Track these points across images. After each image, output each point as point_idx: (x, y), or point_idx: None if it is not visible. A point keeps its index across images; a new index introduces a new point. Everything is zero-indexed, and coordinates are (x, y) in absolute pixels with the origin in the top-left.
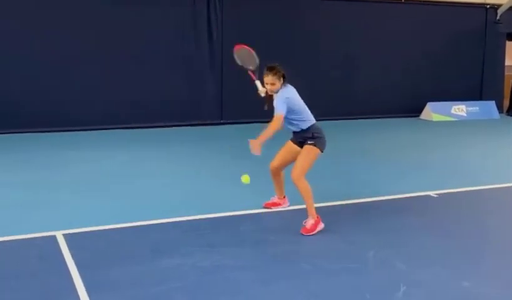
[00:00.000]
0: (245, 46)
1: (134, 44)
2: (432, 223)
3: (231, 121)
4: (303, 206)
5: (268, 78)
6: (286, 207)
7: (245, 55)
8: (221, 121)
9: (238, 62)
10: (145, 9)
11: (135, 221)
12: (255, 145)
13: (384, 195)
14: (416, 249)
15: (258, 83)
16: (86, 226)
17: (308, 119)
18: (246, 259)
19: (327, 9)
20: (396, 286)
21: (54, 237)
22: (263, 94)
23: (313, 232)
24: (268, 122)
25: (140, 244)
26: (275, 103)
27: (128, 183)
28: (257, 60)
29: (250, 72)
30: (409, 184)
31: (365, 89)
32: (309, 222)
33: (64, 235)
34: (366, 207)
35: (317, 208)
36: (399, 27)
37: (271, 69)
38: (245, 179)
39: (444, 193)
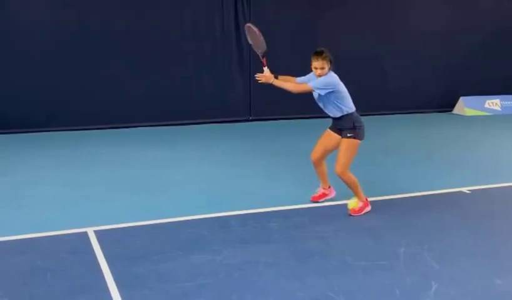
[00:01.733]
0: (253, 27)
1: (161, 42)
2: (465, 219)
3: (259, 118)
4: (334, 203)
5: (318, 62)
6: (333, 197)
7: (254, 37)
8: (250, 118)
9: (249, 41)
10: (172, 7)
11: (165, 218)
12: (265, 78)
13: (415, 192)
14: (448, 245)
15: (266, 69)
16: (116, 223)
17: (350, 106)
18: (275, 256)
19: (356, 1)
20: (427, 283)
21: (85, 233)
22: (271, 81)
23: (361, 213)
24: (297, 118)
25: (170, 240)
26: (317, 79)
27: (158, 180)
28: (264, 45)
29: (260, 57)
30: (441, 180)
31: (397, 84)
32: (359, 204)
33: (95, 231)
34: (397, 203)
35: (343, 205)
36: (431, 20)
37: (320, 53)
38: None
39: (477, 189)
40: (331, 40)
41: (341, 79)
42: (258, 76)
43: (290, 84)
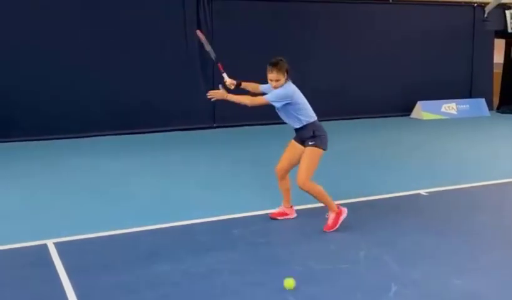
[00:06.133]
0: (199, 35)
1: (123, 50)
2: (423, 221)
3: (224, 125)
4: (296, 208)
5: (273, 74)
6: (293, 217)
7: (205, 43)
8: (214, 125)
9: (205, 47)
10: (134, 14)
11: (126, 228)
12: (218, 94)
13: (374, 195)
14: (407, 247)
15: (225, 75)
16: (76, 234)
17: (309, 115)
18: (239, 263)
19: (315, 10)
20: (387, 285)
21: (45, 246)
22: (232, 87)
23: (337, 227)
24: (261, 124)
25: (132, 251)
26: (272, 91)
27: (119, 189)
28: (212, 53)
29: (215, 62)
30: (399, 183)
31: (355, 89)
32: (331, 217)
33: (54, 243)
34: (356, 206)
35: (305, 209)
36: (387, 27)
37: (275, 64)
38: (288, 283)
39: (435, 191)
40: (295, 50)
41: (303, 85)
42: (210, 94)
43: (245, 97)
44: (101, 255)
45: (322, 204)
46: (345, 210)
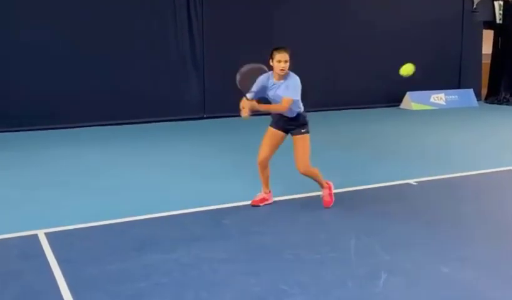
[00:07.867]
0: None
1: (113, 40)
2: (412, 211)
3: (214, 116)
4: (285, 198)
5: (283, 55)
6: (271, 202)
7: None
8: (204, 116)
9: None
10: (125, 7)
11: (117, 218)
12: (248, 105)
13: (364, 185)
14: (397, 236)
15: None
16: (68, 224)
17: (301, 104)
18: (229, 252)
19: (305, 0)
20: (377, 274)
21: (35, 236)
22: (256, 107)
23: (332, 198)
24: (250, 115)
25: (123, 241)
26: (287, 85)
27: (110, 180)
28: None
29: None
30: (389, 173)
31: (344, 79)
32: (326, 193)
33: (46, 233)
34: (347, 196)
35: (296, 199)
36: (376, 17)
37: (283, 47)
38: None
39: (424, 181)
40: (284, 35)
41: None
42: (243, 110)
43: (276, 105)
44: (93, 245)
45: (311, 194)
46: (331, 183)
